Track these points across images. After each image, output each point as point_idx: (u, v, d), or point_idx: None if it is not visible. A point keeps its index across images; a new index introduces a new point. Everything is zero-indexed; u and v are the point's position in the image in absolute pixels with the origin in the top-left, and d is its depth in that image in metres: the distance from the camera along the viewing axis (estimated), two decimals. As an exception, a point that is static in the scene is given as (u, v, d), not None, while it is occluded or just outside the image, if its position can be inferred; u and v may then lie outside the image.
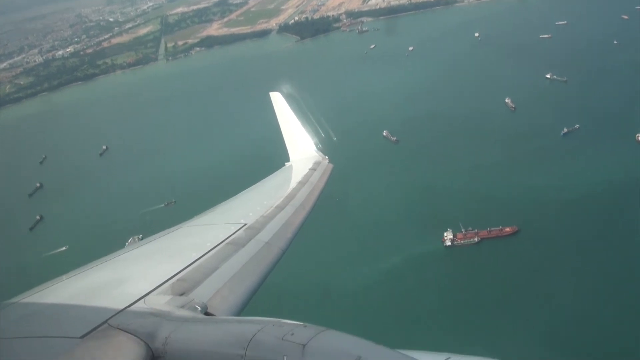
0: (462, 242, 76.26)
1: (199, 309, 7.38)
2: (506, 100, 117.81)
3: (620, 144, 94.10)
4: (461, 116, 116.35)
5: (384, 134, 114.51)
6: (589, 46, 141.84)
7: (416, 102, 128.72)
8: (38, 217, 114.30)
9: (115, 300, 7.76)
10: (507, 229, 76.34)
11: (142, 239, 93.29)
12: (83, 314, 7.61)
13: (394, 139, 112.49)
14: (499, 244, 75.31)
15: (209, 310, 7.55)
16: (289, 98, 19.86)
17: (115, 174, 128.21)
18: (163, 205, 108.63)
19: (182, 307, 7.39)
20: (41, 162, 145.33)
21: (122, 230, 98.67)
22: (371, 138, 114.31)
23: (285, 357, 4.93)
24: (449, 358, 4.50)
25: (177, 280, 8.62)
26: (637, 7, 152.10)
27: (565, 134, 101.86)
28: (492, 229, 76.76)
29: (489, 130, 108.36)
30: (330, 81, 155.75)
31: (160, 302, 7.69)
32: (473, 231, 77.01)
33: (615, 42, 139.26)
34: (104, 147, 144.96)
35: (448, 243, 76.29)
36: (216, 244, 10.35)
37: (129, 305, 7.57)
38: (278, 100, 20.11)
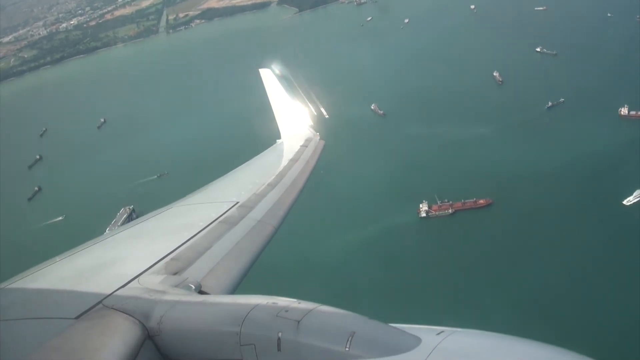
0: (436, 213, 78.81)
1: (193, 287, 7.45)
2: (494, 74, 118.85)
3: (602, 118, 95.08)
4: (448, 90, 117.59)
5: (372, 107, 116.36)
6: (582, 19, 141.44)
7: (407, 75, 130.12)
8: (36, 188, 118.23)
9: (109, 280, 7.79)
10: (481, 201, 78.68)
11: (133, 209, 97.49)
12: (77, 295, 7.66)
13: (381, 112, 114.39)
14: (472, 215, 77.77)
15: (203, 289, 7.59)
16: (278, 74, 19.96)
17: (111, 146, 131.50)
18: (156, 176, 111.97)
19: (176, 286, 7.43)
20: (41, 135, 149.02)
21: (116, 200, 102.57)
22: (359, 111, 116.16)
23: (280, 333, 5.04)
24: (443, 331, 4.49)
25: (171, 259, 8.61)
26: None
27: (549, 107, 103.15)
28: (467, 201, 79.21)
29: (474, 104, 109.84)
30: (324, 54, 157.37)
31: (154, 281, 7.69)
32: (448, 203, 79.47)
33: (608, 14, 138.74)
34: (102, 119, 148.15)
35: (423, 214, 78.93)
36: (208, 223, 10.31)
37: (123, 286, 7.60)
38: (268, 76, 20.16)
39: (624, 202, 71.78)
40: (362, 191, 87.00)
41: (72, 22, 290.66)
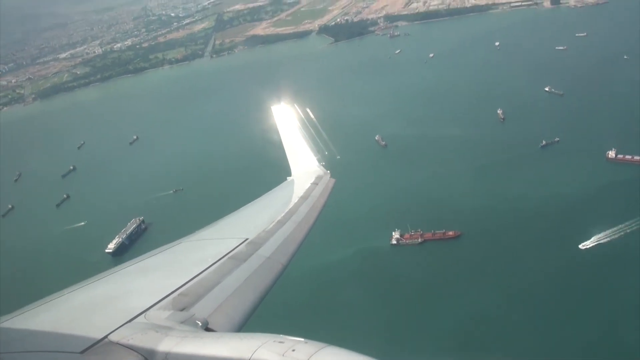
0: (407, 241, 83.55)
1: (200, 324, 7.46)
2: (498, 111, 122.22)
3: (589, 160, 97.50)
4: (452, 124, 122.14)
5: (376, 137, 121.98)
6: (598, 60, 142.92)
7: (417, 108, 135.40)
8: (65, 196, 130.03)
9: (116, 314, 7.81)
10: (450, 233, 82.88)
11: (142, 220, 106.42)
12: (83, 328, 7.62)
13: (384, 143, 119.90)
14: (440, 246, 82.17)
15: (210, 325, 7.60)
16: (291, 110, 20.84)
17: (138, 161, 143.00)
18: (172, 191, 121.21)
19: (183, 322, 7.44)
20: (79, 147, 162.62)
21: (132, 211, 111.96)
22: (364, 141, 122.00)
23: None
24: None
25: (178, 295, 8.65)
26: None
27: (543, 146, 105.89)
28: (436, 231, 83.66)
29: (473, 139, 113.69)
30: (345, 84, 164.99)
31: (161, 317, 7.70)
32: (418, 232, 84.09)
33: (625, 57, 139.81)
34: (135, 136, 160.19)
35: (394, 242, 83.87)
36: (217, 259, 10.43)
37: (130, 320, 7.60)
38: (280, 113, 20.56)
39: (580, 245, 74.31)
40: (345, 216, 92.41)
41: (126, 43, 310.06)
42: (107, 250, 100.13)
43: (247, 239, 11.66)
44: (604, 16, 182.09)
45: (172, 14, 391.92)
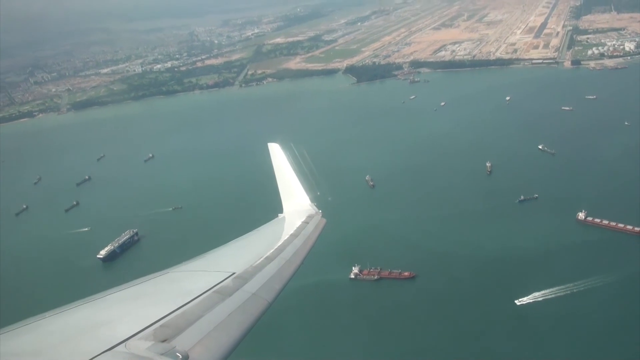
0: (364, 277, 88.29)
1: (180, 357, 7.48)
2: (487, 164, 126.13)
3: (559, 220, 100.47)
4: (442, 171, 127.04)
5: (366, 178, 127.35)
6: (599, 124, 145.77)
7: (414, 153, 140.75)
8: (75, 202, 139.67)
9: (97, 342, 7.84)
10: (406, 273, 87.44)
11: (136, 232, 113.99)
12: (62, 355, 7.65)
13: (372, 183, 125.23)
14: (393, 284, 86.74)
15: (191, 359, 7.66)
16: (288, 147, 21.48)
17: (147, 178, 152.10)
18: (171, 209, 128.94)
19: (163, 354, 7.47)
20: (98, 159, 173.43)
21: (130, 223, 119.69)
22: (355, 180, 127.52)
23: None
24: None
25: (160, 326, 8.69)
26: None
27: (521, 201, 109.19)
28: (393, 270, 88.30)
29: (457, 187, 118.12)
30: (353, 125, 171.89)
31: (141, 347, 7.72)
32: (376, 270, 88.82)
33: (626, 123, 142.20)
34: (150, 154, 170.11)
35: (352, 276, 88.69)
36: (202, 292, 10.39)
37: (109, 349, 7.60)
38: (276, 151, 21.05)
39: (516, 301, 77.64)
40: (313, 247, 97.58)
41: (166, 64, 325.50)
42: (98, 256, 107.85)
43: (234, 273, 11.74)
44: (619, 80, 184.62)
45: (216, 41, 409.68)
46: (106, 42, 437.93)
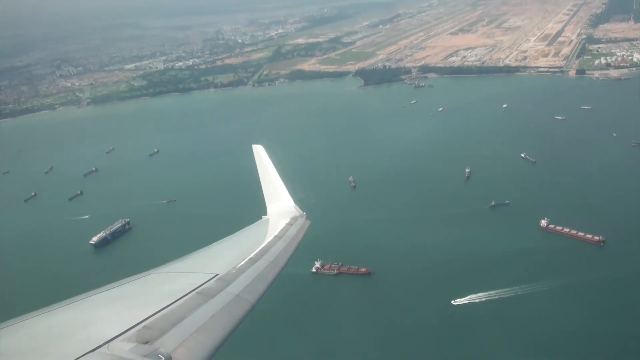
0: (325, 271, 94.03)
1: (163, 359, 7.57)
2: (466, 169, 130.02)
3: (522, 226, 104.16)
4: (422, 176, 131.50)
5: (350, 179, 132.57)
6: (587, 134, 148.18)
7: (401, 157, 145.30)
8: (79, 192, 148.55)
9: (78, 344, 7.86)
10: (362, 269, 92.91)
11: (128, 222, 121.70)
12: (44, 357, 7.69)
13: (353, 184, 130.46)
14: (350, 279, 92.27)
15: None
16: (269, 151, 21.61)
17: (150, 171, 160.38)
18: (166, 201, 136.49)
19: (146, 356, 7.51)
20: (107, 152, 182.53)
21: (125, 214, 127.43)
22: (338, 181, 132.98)
23: None
24: None
25: (143, 327, 8.71)
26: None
27: (492, 206, 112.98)
28: (351, 267, 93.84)
29: (433, 191, 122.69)
30: (348, 126, 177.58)
31: (123, 349, 7.75)
32: (336, 265, 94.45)
33: (614, 134, 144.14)
34: (156, 149, 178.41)
35: (314, 270, 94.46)
36: (186, 293, 10.53)
37: (92, 350, 7.61)
38: (260, 152, 21.35)
39: (452, 301, 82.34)
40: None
41: (188, 62, 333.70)
42: (90, 242, 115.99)
43: (217, 275, 11.81)
44: (619, 91, 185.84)
45: (239, 40, 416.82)
46: (134, 38, 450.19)
